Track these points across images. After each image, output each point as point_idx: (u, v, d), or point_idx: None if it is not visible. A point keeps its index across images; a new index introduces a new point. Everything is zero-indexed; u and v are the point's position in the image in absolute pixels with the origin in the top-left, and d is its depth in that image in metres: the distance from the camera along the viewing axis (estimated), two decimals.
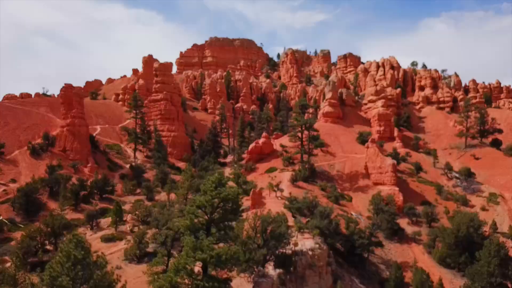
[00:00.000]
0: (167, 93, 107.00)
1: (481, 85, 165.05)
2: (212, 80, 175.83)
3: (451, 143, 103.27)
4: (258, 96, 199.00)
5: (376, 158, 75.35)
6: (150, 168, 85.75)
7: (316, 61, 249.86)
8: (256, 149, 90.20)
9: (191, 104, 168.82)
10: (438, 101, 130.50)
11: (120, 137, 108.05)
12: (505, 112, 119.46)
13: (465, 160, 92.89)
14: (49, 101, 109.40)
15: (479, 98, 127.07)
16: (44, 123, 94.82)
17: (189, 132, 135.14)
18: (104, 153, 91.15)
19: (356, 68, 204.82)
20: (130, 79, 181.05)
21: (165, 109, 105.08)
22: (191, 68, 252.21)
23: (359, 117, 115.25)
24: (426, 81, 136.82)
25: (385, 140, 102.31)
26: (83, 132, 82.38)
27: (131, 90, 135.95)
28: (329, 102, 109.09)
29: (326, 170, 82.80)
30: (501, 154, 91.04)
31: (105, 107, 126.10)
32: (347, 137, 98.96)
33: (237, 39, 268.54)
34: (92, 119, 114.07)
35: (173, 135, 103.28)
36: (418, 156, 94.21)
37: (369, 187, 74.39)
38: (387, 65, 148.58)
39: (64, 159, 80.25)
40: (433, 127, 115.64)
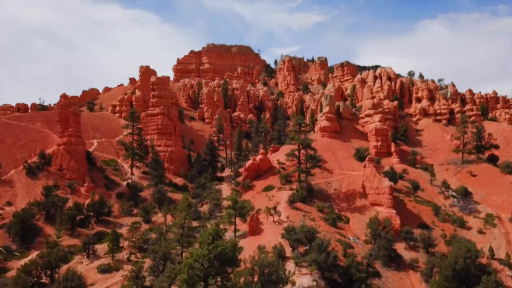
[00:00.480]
0: (164, 107, 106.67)
1: (478, 95, 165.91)
2: (209, 90, 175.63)
3: (448, 158, 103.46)
4: (256, 104, 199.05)
5: (373, 179, 75.33)
6: (147, 187, 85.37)
7: (313, 68, 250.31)
8: (253, 166, 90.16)
9: (188, 114, 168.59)
10: (435, 113, 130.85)
11: (117, 151, 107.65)
12: (501, 125, 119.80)
13: (462, 177, 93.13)
14: (45, 115, 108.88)
15: (476, 111, 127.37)
16: (41, 139, 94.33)
17: (186, 143, 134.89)
18: (101, 170, 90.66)
19: (353, 76, 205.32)
20: (127, 88, 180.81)
21: (162, 124, 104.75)
22: (188, 75, 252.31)
23: (356, 130, 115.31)
24: (423, 93, 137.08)
25: (382, 156, 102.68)
26: (79, 150, 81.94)
27: (128, 102, 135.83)
28: (326, 116, 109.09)
29: (323, 189, 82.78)
30: (497, 171, 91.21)
31: (102, 120, 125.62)
32: (344, 153, 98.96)
33: (234, 46, 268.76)
34: (89, 132, 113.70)
35: (170, 150, 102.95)
36: (415, 173, 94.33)
37: (366, 208, 74.36)
38: (384, 75, 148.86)
39: (61, 178, 79.83)
40: (430, 140, 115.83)
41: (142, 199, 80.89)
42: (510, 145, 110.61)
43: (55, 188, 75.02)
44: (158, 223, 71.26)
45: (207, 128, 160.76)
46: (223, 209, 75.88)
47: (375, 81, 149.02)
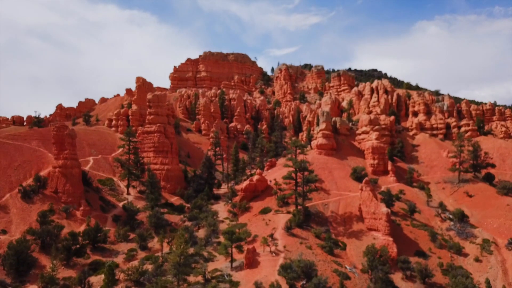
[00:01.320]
0: (160, 125, 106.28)
1: (474, 107, 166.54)
2: (206, 101, 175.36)
3: (444, 176, 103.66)
4: (252, 114, 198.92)
5: (370, 203, 75.27)
6: (143, 209, 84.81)
7: (310, 76, 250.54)
8: (250, 187, 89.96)
9: (185, 125, 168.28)
10: (432, 128, 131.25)
11: (113, 169, 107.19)
12: (497, 141, 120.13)
13: (458, 197, 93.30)
14: (41, 133, 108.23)
15: (472, 126, 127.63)
16: (36, 159, 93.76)
17: (183, 157, 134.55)
18: (97, 191, 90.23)
19: (350, 86, 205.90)
20: (123, 98, 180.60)
21: (158, 142, 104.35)
22: (185, 83, 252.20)
23: (353, 147, 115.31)
24: (419, 107, 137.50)
25: (379, 174, 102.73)
26: (75, 173, 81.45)
27: (124, 116, 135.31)
28: (322, 133, 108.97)
29: (320, 211, 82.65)
30: (494, 191, 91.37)
31: (98, 135, 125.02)
32: (341, 172, 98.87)
33: (231, 54, 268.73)
34: (85, 149, 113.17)
35: (167, 169, 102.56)
36: (412, 192, 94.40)
37: (363, 233, 74.28)
38: (381, 88, 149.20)
39: (56, 202, 79.33)
40: (427, 157, 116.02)
41: (139, 222, 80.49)
42: (506, 162, 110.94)
43: (50, 213, 74.61)
44: (154, 249, 71.00)
45: (203, 140, 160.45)
46: (219, 233, 75.79)
47: (371, 94, 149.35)
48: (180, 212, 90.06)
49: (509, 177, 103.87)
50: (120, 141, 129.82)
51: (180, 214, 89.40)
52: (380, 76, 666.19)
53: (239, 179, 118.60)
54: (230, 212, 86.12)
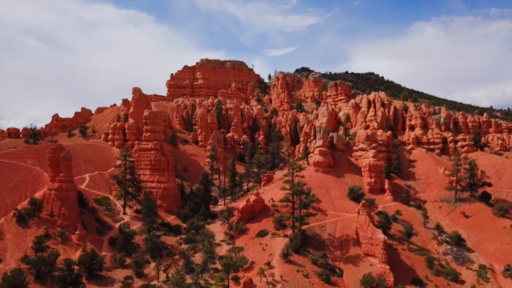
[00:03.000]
0: (157, 142, 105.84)
1: (470, 119, 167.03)
2: (203, 112, 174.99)
3: (441, 194, 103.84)
4: (249, 124, 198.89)
5: (367, 228, 75.24)
6: (139, 233, 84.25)
7: (307, 84, 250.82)
8: (247, 208, 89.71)
9: (182, 137, 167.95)
10: (428, 142, 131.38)
11: (110, 186, 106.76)
12: (494, 158, 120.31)
13: (455, 217, 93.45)
14: (37, 150, 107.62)
15: (468, 141, 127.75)
16: (31, 179, 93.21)
17: (179, 170, 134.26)
18: (93, 211, 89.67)
19: (347, 96, 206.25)
20: (119, 109, 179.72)
21: (155, 160, 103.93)
22: (182, 90, 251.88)
23: (350, 163, 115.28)
24: (416, 121, 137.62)
25: (376, 192, 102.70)
26: (71, 196, 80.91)
27: (121, 130, 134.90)
28: (319, 150, 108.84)
29: (317, 234, 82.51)
30: (490, 211, 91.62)
31: (94, 150, 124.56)
32: (338, 191, 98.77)
33: (228, 61, 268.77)
34: (81, 165, 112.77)
35: (163, 187, 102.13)
36: (409, 212, 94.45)
37: (360, 258, 74.23)
38: (378, 101, 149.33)
39: (52, 225, 78.77)
40: (423, 173, 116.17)
41: (135, 246, 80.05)
42: (503, 179, 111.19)
43: (46, 238, 73.97)
44: (150, 276, 70.62)
45: (200, 152, 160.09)
46: (216, 258, 75.62)
47: (368, 107, 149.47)
48: (176, 233, 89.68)
49: (505, 195, 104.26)
50: (116, 155, 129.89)
51: (177, 235, 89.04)
52: (377, 79, 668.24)
53: (236, 195, 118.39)
54: (226, 234, 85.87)
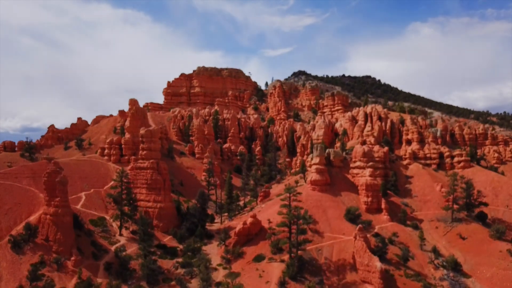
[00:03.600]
0: (153, 161, 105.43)
1: (467, 131, 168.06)
2: (200, 123, 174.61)
3: (438, 214, 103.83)
4: (246, 134, 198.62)
5: (363, 254, 75.19)
6: (135, 258, 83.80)
7: (303, 92, 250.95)
8: (243, 231, 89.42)
9: (179, 148, 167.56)
10: (425, 157, 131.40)
11: (106, 205, 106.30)
12: (490, 174, 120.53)
13: (451, 239, 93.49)
14: (32, 169, 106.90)
15: (465, 156, 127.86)
16: (27, 201, 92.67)
17: (176, 185, 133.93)
18: (89, 234, 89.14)
19: (343, 106, 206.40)
20: (116, 120, 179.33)
21: (151, 179, 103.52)
22: (179, 98, 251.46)
23: (346, 180, 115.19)
24: (413, 135, 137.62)
25: (373, 212, 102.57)
26: (66, 222, 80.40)
27: (117, 145, 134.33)
28: (316, 168, 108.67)
29: (314, 258, 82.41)
30: (486, 233, 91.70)
31: (90, 166, 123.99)
32: (335, 211, 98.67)
33: (225, 69, 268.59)
34: (77, 183, 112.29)
35: (159, 207, 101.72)
36: (406, 234, 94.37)
37: (356, 285, 74.16)
38: (375, 115, 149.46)
39: (47, 251, 78.32)
40: (420, 190, 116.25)
41: (131, 271, 79.70)
42: (499, 196, 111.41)
43: (41, 265, 73.72)
44: None
45: (197, 164, 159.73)
46: (213, 285, 75.37)
47: (365, 121, 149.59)
48: (173, 256, 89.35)
49: (502, 214, 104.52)
50: (113, 170, 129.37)
51: (173, 258, 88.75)
52: (373, 83, 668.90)
53: (232, 212, 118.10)
54: (223, 258, 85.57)
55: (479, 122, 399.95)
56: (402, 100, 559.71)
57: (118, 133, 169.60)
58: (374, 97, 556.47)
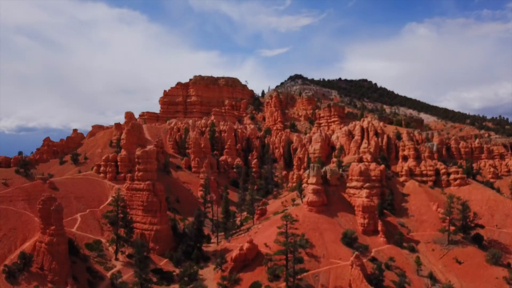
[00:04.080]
0: (149, 183, 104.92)
1: (463, 145, 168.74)
2: (196, 136, 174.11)
3: (434, 236, 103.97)
4: (243, 145, 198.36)
5: (360, 284, 75.05)
6: (131, 287, 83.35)
7: (300, 102, 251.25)
8: (240, 257, 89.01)
9: (175, 162, 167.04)
10: (421, 174, 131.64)
11: (101, 226, 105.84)
12: (486, 192, 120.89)
13: (447, 263, 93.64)
14: (27, 191, 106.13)
15: (461, 174, 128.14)
16: (22, 226, 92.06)
17: (172, 202, 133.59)
18: (84, 259, 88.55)
19: (340, 117, 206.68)
20: (112, 133, 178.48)
21: (147, 201, 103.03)
22: (175, 107, 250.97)
23: (343, 200, 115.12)
24: (409, 152, 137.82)
25: (369, 233, 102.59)
26: (61, 250, 79.74)
27: (113, 162, 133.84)
28: (313, 189, 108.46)
29: (311, 285, 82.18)
30: (483, 257, 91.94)
31: (86, 185, 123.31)
32: (331, 234, 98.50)
33: (222, 78, 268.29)
34: (72, 204, 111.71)
35: (156, 229, 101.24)
36: (402, 257, 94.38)
37: None
38: (371, 130, 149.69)
39: (42, 280, 77.66)
40: (416, 209, 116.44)
41: None
42: (495, 216, 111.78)
43: None
44: None
45: (193, 178, 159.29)
46: None
47: (362, 136, 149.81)
48: (169, 282, 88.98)
49: (498, 235, 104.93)
50: (109, 188, 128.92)
51: (170, 283, 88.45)
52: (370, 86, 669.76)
53: (228, 232, 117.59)
54: (219, 285, 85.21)
55: (475, 128, 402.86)
56: (398, 104, 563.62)
57: (114, 147, 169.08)
58: (370, 101, 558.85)
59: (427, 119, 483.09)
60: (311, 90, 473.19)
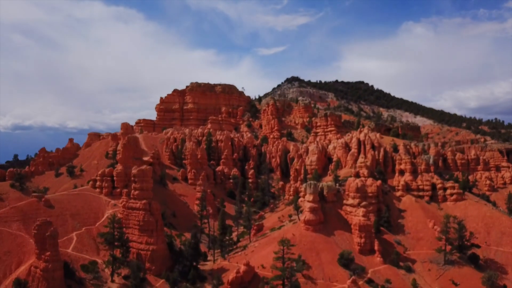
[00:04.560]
0: (146, 202, 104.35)
1: (459, 156, 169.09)
2: (193, 147, 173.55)
3: (430, 254, 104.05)
4: (240, 155, 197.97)
5: None
6: None
7: (297, 109, 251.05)
8: (236, 280, 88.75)
9: (171, 174, 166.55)
10: (418, 189, 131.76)
11: (97, 246, 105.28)
12: (482, 209, 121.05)
13: (444, 284, 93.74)
14: (22, 211, 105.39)
15: (457, 189, 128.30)
16: (17, 248, 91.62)
17: (168, 217, 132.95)
18: (80, 283, 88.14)
19: (336, 127, 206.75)
20: (108, 144, 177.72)
21: (143, 221, 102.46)
22: (172, 115, 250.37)
23: (340, 217, 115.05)
24: (406, 166, 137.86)
25: (366, 253, 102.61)
26: (57, 276, 79.41)
27: (109, 177, 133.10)
28: (310, 207, 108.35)
29: None
30: (479, 279, 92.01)
31: (82, 201, 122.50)
32: (328, 254, 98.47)
33: (218, 85, 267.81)
34: (68, 222, 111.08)
35: (152, 249, 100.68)
36: (399, 279, 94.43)
37: None
38: (368, 143, 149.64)
39: None
40: (413, 226, 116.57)
41: None
42: (491, 234, 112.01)
43: None
44: None
45: (190, 191, 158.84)
46: None
47: (358, 149, 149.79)
48: None
49: (494, 254, 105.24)
50: (105, 204, 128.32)
51: None
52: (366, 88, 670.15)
53: (225, 249, 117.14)
54: None
55: (471, 132, 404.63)
56: (395, 107, 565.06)
57: (110, 158, 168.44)
58: (367, 103, 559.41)
59: (423, 123, 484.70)
60: (308, 93, 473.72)
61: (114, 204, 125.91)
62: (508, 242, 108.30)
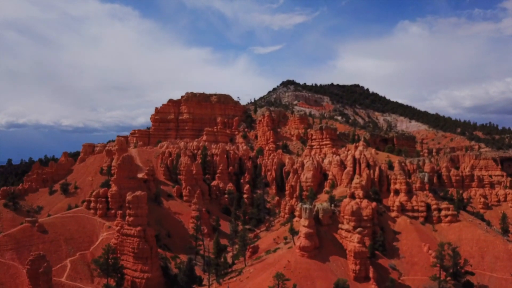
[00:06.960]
0: (140, 229, 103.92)
1: (454, 172, 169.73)
2: (188, 162, 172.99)
3: (425, 281, 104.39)
4: (235, 169, 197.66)
5: None
6: None
7: (292, 120, 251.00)
8: None
9: (166, 190, 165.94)
10: (413, 209, 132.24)
11: (92, 272, 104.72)
12: (477, 232, 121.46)
13: None
14: (16, 238, 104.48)
15: (452, 210, 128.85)
16: (10, 280, 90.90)
17: (163, 238, 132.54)
18: None
19: (332, 140, 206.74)
20: (102, 160, 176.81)
21: (138, 248, 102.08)
22: (167, 125, 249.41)
23: (335, 242, 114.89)
24: (401, 186, 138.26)
25: (361, 280, 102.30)
26: None
27: (103, 198, 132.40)
28: (305, 233, 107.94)
29: None
30: None
31: (76, 224, 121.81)
32: (323, 283, 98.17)
33: (214, 95, 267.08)
34: (62, 248, 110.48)
35: (146, 277, 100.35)
36: None
37: None
38: (363, 162, 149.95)
39: None
40: (408, 250, 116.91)
41: None
42: (485, 258, 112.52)
43: None
44: None
45: (185, 208, 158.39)
46: None
47: (354, 167, 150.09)
48: None
49: (488, 280, 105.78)
50: (99, 225, 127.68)
51: None
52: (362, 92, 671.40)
53: (220, 272, 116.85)
54: None
55: (465, 138, 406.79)
56: (390, 111, 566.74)
57: (104, 174, 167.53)
58: (362, 107, 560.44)
59: (418, 127, 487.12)
60: (303, 97, 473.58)
61: (109, 226, 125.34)
62: (502, 268, 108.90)
